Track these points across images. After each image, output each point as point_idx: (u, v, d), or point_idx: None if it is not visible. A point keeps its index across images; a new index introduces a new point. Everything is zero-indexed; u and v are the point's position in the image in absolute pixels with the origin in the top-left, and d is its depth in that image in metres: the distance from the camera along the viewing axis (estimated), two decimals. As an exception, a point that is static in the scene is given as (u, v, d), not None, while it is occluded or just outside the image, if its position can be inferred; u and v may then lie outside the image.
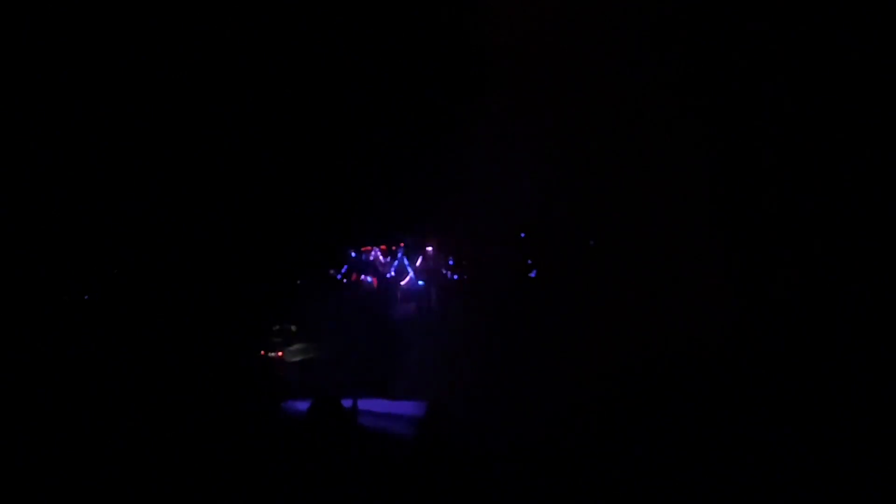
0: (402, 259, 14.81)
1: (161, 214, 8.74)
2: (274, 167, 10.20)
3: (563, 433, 9.14)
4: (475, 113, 10.68)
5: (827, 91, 8.89)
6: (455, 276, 13.92)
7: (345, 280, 14.35)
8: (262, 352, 12.68)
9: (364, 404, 11.37)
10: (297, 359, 12.96)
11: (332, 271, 13.96)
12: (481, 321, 12.90)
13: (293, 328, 12.89)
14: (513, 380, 11.27)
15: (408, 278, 14.73)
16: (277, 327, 12.33)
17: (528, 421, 9.77)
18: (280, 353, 13.28)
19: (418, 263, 14.71)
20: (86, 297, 8.39)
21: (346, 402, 10.59)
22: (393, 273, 14.74)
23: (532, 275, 12.34)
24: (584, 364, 10.01)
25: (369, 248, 14.53)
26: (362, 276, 14.53)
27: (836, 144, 8.84)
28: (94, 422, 8.04)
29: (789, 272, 9.07)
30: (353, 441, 9.84)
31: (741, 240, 9.46)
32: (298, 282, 12.54)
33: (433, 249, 14.45)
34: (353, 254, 14.26)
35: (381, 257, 14.69)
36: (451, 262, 14.12)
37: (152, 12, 7.91)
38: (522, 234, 12.11)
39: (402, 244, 14.70)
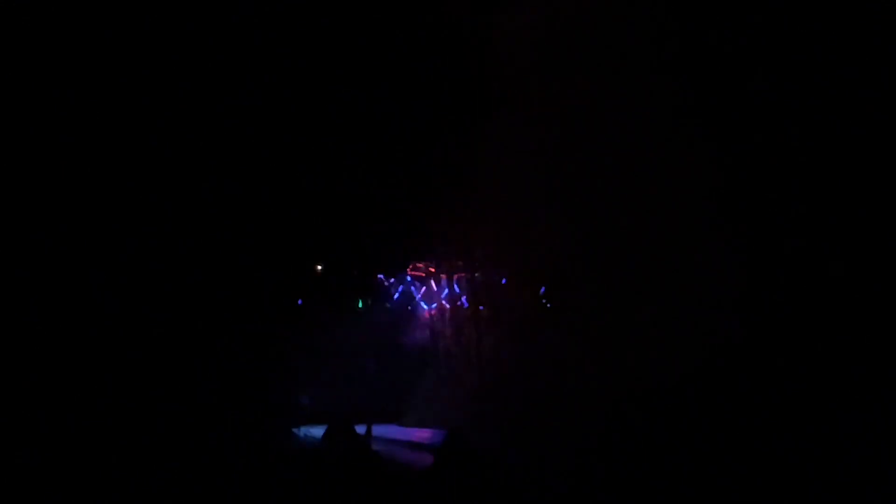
0: (408, 284, 14.76)
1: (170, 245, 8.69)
2: (288, 194, 10.12)
3: (586, 462, 8.87)
4: (484, 139, 10.51)
5: (835, 93, 8.58)
6: (467, 303, 13.86)
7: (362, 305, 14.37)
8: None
9: (379, 430, 11.41)
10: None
11: (349, 299, 13.99)
12: (498, 347, 12.76)
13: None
14: (533, 407, 11.06)
15: (413, 304, 14.69)
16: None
17: (550, 450, 9.55)
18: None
19: (423, 290, 14.69)
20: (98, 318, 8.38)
21: (361, 429, 10.54)
22: (396, 298, 14.72)
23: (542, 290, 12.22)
24: (605, 388, 9.77)
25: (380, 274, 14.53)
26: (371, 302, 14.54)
27: (844, 149, 8.52)
28: (102, 448, 8.06)
29: (799, 279, 8.76)
30: (367, 468, 9.79)
31: (752, 248, 9.17)
32: (311, 309, 12.58)
33: (445, 275, 14.42)
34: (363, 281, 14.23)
35: (386, 283, 14.67)
36: (459, 289, 14.08)
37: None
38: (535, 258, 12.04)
39: (408, 270, 14.67)
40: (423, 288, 14.73)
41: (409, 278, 14.64)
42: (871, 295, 8.28)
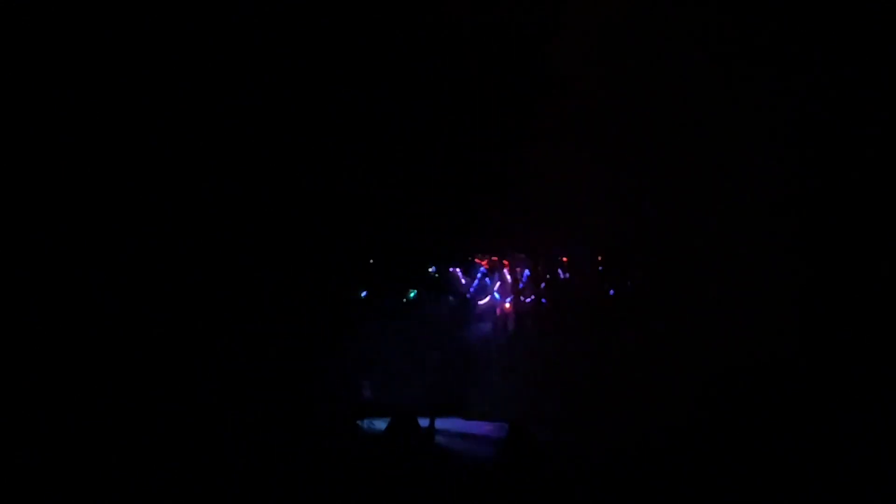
0: (482, 278, 14.72)
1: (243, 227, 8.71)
2: (357, 185, 10.09)
3: (649, 456, 8.85)
4: (555, 134, 10.53)
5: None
6: (531, 297, 13.81)
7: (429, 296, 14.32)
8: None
9: (441, 423, 11.66)
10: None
11: (410, 291, 13.96)
12: (562, 341, 12.68)
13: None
14: (595, 401, 10.98)
15: (487, 298, 14.63)
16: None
17: (614, 444, 9.52)
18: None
19: (498, 284, 14.64)
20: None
21: (423, 422, 10.49)
22: (472, 292, 14.68)
23: (611, 293, 12.13)
24: (667, 383, 9.68)
25: (452, 267, 14.52)
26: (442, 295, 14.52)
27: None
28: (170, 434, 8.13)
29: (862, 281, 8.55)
30: (430, 460, 9.81)
31: (818, 245, 8.99)
32: (375, 300, 12.59)
33: (511, 269, 14.38)
34: (433, 272, 14.24)
35: (461, 277, 14.65)
36: (528, 282, 14.04)
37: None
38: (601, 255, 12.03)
39: (483, 264, 14.65)
40: (494, 281, 14.66)
41: (482, 271, 14.59)
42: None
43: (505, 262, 14.36)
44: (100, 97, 7.77)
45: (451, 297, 14.62)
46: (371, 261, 11.61)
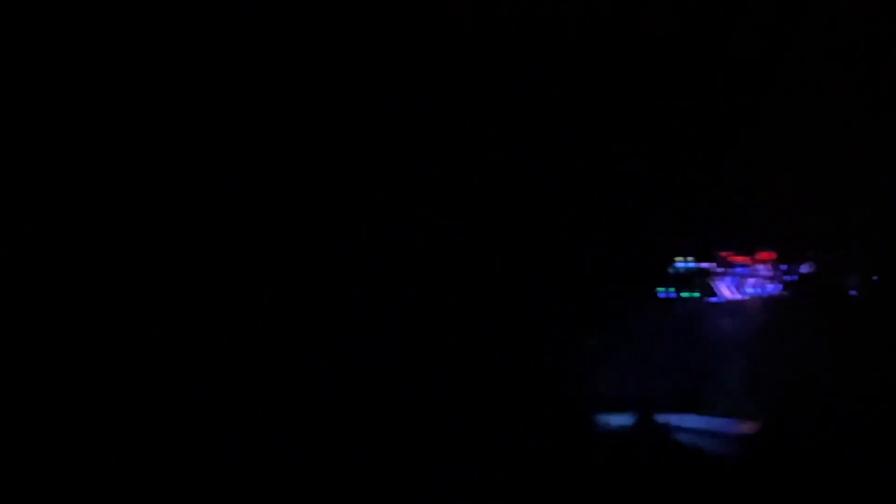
0: (728, 274, 14.52)
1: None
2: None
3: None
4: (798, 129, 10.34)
5: None
6: (776, 294, 13.65)
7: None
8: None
9: (680, 420, 11.46)
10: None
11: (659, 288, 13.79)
12: (806, 338, 12.39)
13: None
14: (846, 402, 10.64)
15: (732, 293, 14.46)
16: None
17: (863, 445, 8.80)
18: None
19: (743, 280, 14.45)
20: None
21: (663, 418, 10.31)
22: (733, 288, 14.47)
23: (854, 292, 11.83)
24: None
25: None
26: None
27: None
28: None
29: None
30: (671, 458, 9.61)
31: None
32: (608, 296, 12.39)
33: (756, 266, 14.22)
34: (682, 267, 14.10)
35: (709, 273, 14.46)
36: (773, 278, 13.90)
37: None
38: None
39: (730, 259, 14.46)
40: (740, 277, 14.47)
41: (729, 267, 14.38)
42: None
43: (753, 257, 14.17)
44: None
45: (696, 292, 14.35)
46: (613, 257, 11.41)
